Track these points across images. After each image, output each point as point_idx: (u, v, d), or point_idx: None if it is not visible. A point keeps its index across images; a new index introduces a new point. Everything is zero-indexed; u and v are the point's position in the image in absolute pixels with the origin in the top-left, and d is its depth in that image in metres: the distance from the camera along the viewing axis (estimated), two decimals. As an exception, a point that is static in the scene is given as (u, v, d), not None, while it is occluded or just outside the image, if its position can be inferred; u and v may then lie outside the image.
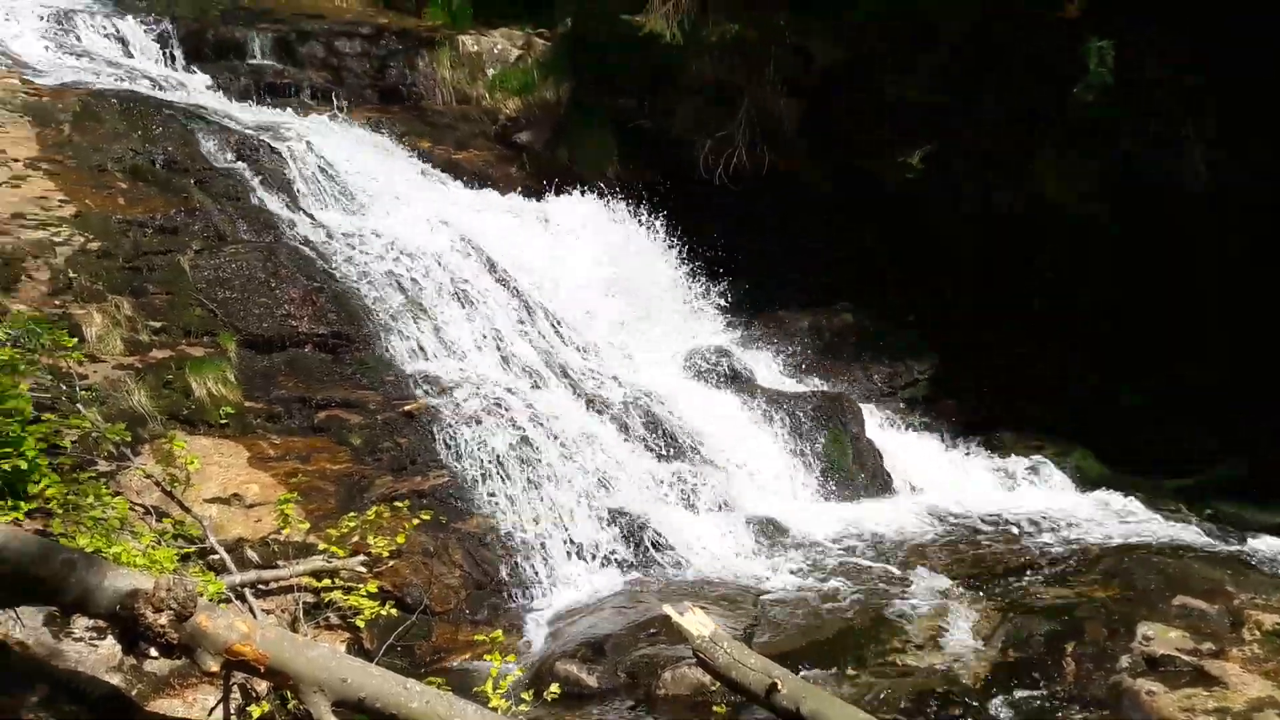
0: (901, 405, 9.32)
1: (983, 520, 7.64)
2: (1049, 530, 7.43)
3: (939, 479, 8.34)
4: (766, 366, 9.27)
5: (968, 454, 8.78)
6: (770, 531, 7.06)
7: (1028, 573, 6.61)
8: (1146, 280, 9.05)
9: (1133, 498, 7.97)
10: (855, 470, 8.09)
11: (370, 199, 8.58)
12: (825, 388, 9.01)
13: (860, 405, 8.66)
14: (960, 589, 6.33)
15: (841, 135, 10.09)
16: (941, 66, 9.16)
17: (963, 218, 9.58)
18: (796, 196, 10.19)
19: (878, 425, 8.73)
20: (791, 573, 6.56)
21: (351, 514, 5.89)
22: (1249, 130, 8.21)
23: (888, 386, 9.51)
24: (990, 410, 9.12)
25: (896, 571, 6.62)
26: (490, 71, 11.63)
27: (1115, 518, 7.74)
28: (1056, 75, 8.48)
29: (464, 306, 7.94)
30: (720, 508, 7.26)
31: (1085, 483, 8.34)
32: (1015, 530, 7.44)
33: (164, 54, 10.49)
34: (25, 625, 4.41)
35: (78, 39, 10.23)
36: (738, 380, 8.67)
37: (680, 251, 9.80)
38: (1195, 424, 8.69)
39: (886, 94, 9.60)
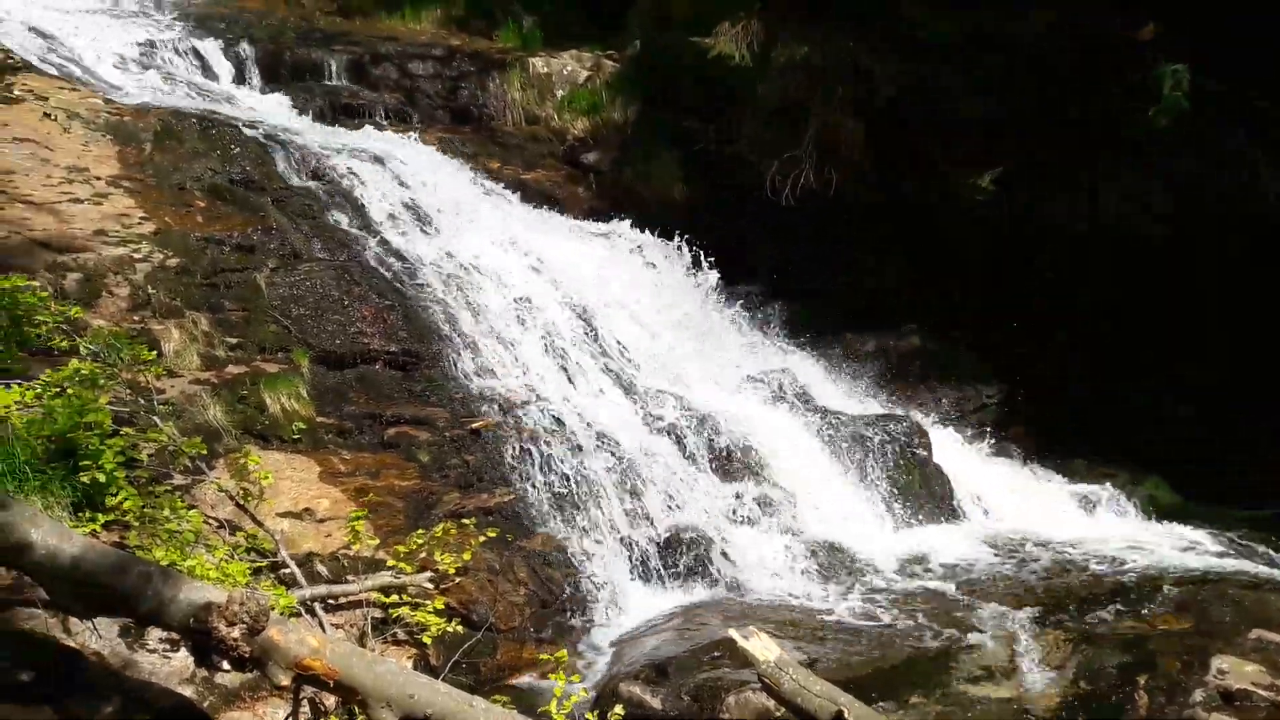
0: (970, 430, 9.22)
1: (1052, 548, 7.50)
2: (1119, 560, 7.28)
3: (1008, 505, 8.22)
4: (831, 389, 9.21)
5: (1037, 480, 8.65)
6: (835, 555, 7.00)
7: (1098, 603, 6.46)
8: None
9: (1205, 528, 7.80)
10: (922, 495, 7.99)
11: (440, 218, 8.68)
12: (892, 410, 8.94)
13: (927, 429, 8.57)
14: (1029, 618, 6.22)
15: (908, 156, 10.03)
16: (1008, 88, 9.08)
17: (1029, 239, 9.47)
18: (862, 217, 10.13)
19: (945, 450, 8.61)
20: (857, 598, 6.51)
21: (419, 530, 5.96)
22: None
23: (956, 410, 9.41)
24: (1060, 436, 8.97)
25: (964, 599, 6.53)
26: (559, 93, 11.72)
27: (1187, 548, 7.58)
28: (1126, 97, 8.38)
29: (530, 326, 8.02)
30: (784, 530, 7.21)
31: (1157, 512, 8.17)
32: (1085, 559, 7.30)
33: (242, 75, 10.72)
34: (101, 636, 4.51)
35: (159, 60, 10.49)
36: (802, 402, 8.61)
37: (745, 272, 9.78)
38: (1266, 454, 8.51)
39: (953, 115, 9.54)
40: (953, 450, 8.78)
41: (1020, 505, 8.24)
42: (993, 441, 9.14)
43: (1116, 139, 8.69)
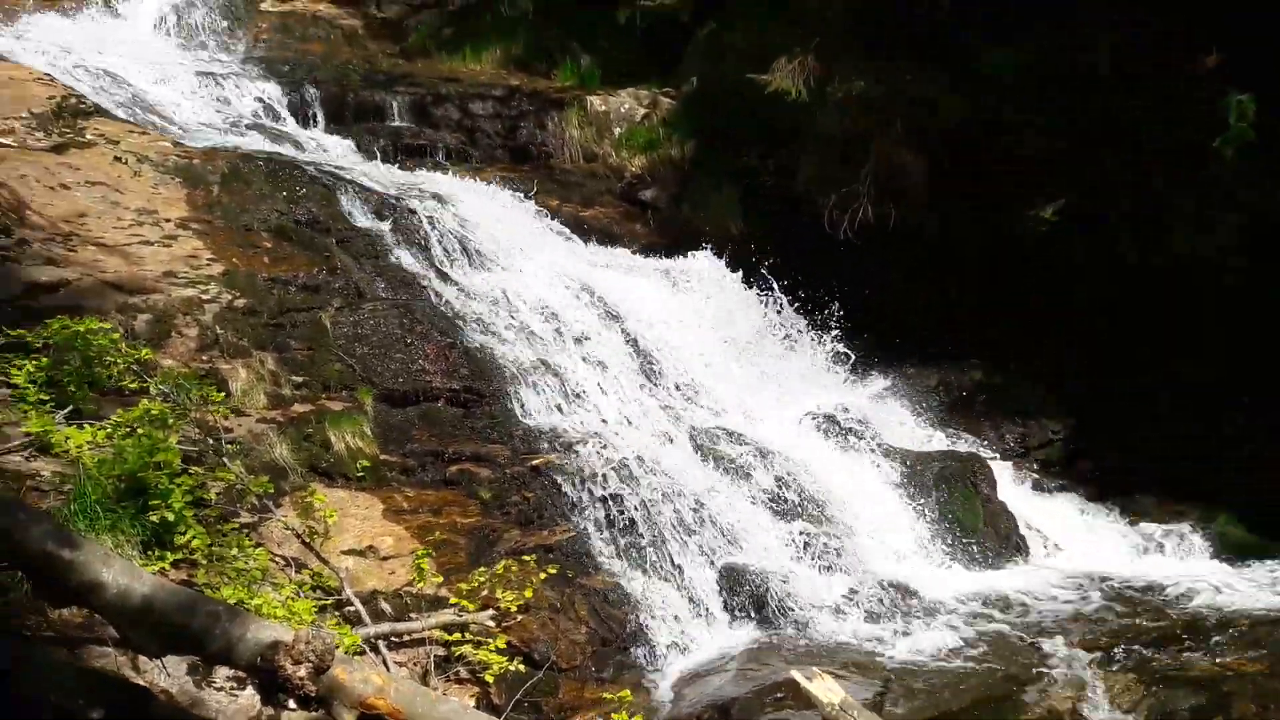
0: (1035, 466, 9.10)
1: (1122, 587, 7.39)
2: (1191, 599, 7.15)
3: (1075, 543, 8.09)
4: (893, 424, 9.12)
5: (1105, 517, 8.52)
6: (899, 594, 6.92)
7: (1169, 643, 6.33)
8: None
9: (1280, 566, 7.63)
10: (987, 532, 7.88)
11: (501, 256, 8.75)
12: (955, 447, 8.84)
13: (992, 465, 8.46)
14: (1098, 659, 6.11)
15: (969, 188, 9.96)
16: (1070, 119, 9.01)
17: (1093, 272, 9.36)
18: (923, 251, 10.07)
19: (1010, 486, 8.52)
20: (921, 638, 6.43)
21: (481, 568, 5.99)
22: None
23: (1020, 446, 9.30)
24: (1129, 472, 8.82)
25: (1031, 639, 6.43)
26: (617, 130, 11.82)
27: (1262, 587, 7.40)
28: (1191, 128, 8.28)
29: (589, 363, 8.04)
30: (847, 569, 7.15)
31: (1229, 549, 8.01)
32: (1156, 598, 7.18)
33: (307, 117, 10.92)
34: (170, 674, 4.56)
35: (226, 102, 10.72)
36: (864, 438, 8.54)
37: (804, 307, 9.75)
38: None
39: (1014, 147, 9.47)
40: (1017, 487, 8.69)
41: (1087, 543, 8.12)
42: (1059, 478, 9.01)
43: (1183, 171, 8.57)
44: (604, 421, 7.65)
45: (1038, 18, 9.01)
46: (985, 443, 9.18)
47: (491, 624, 5.71)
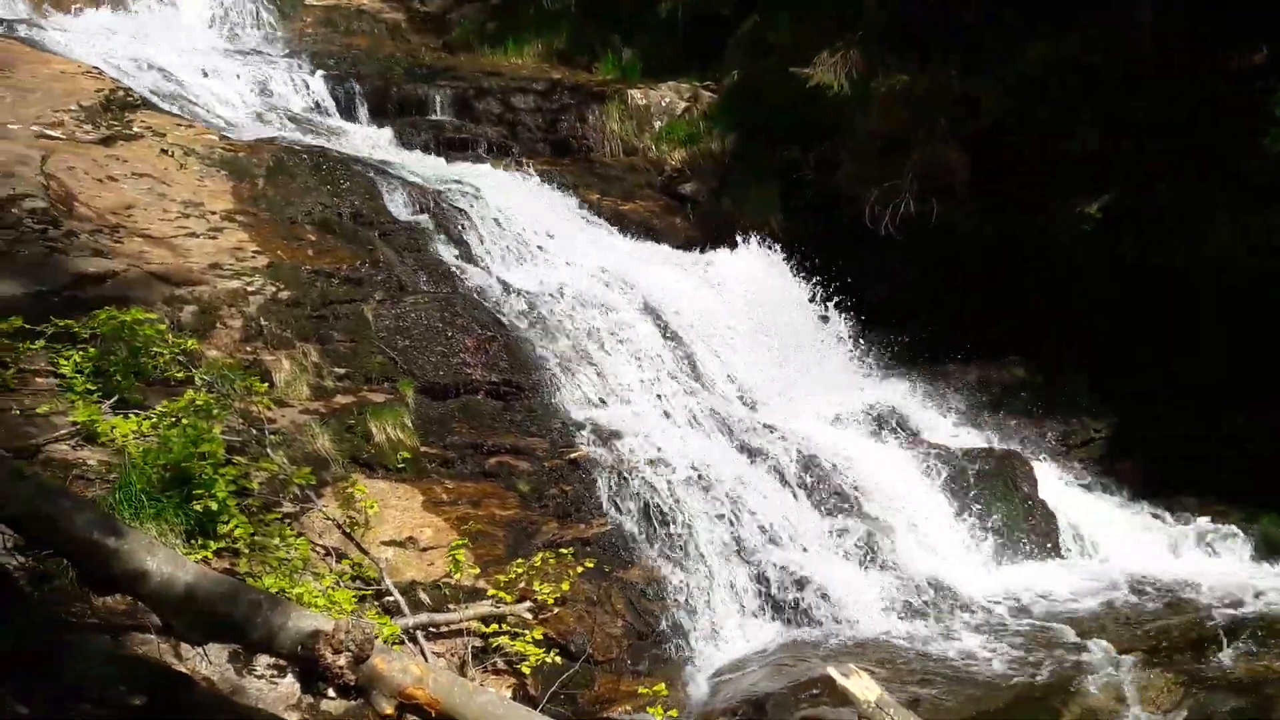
0: (1076, 464, 9.00)
1: (1161, 587, 7.29)
2: (1233, 600, 7.03)
3: (1116, 543, 8.00)
4: (932, 420, 9.07)
5: (1146, 517, 8.41)
6: (937, 592, 6.88)
7: (1210, 645, 6.24)
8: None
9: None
10: (1026, 531, 7.82)
11: (541, 249, 8.81)
12: (994, 444, 8.78)
13: (1032, 463, 8.40)
14: (1138, 659, 6.04)
15: (1011, 185, 9.88)
16: (1112, 116, 8.90)
17: (1134, 270, 9.26)
18: (964, 247, 9.99)
19: (1051, 485, 8.43)
20: (959, 636, 6.40)
21: (519, 560, 6.03)
22: None
23: (1061, 444, 9.20)
24: (1171, 472, 8.69)
25: (1070, 638, 6.37)
26: (657, 124, 11.83)
27: (1308, 588, 7.30)
28: (1235, 126, 8.16)
29: (627, 356, 8.07)
30: (884, 565, 7.12)
31: (1272, 550, 7.87)
32: (1196, 599, 7.08)
33: (351, 110, 11.02)
34: (211, 662, 4.62)
35: (272, 95, 10.84)
36: (902, 434, 8.53)
37: (843, 302, 9.72)
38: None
39: (1055, 144, 9.38)
40: (1058, 485, 8.60)
41: (1128, 542, 8.03)
42: (1100, 476, 8.92)
43: (1229, 170, 8.45)
44: (641, 415, 7.66)
45: (1078, 12, 8.91)
46: (1025, 440, 9.09)
47: (528, 616, 5.75)
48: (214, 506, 5.06)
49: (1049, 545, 7.84)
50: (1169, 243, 8.90)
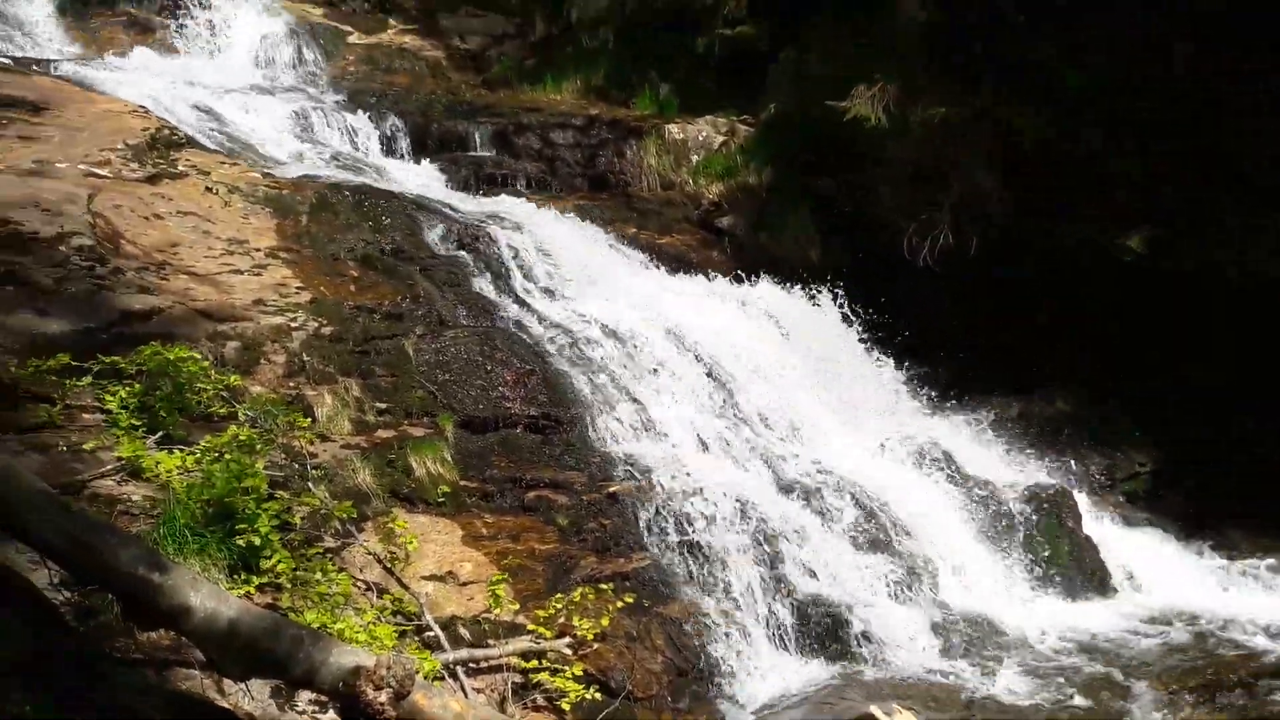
0: (1121, 499, 8.90)
1: (1211, 624, 7.19)
2: (1281, 636, 6.93)
3: (1162, 579, 7.88)
4: (974, 454, 8.97)
5: (1192, 552, 8.31)
6: (980, 629, 6.81)
7: (1262, 683, 6.15)
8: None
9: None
10: (1071, 567, 7.72)
11: (579, 284, 8.84)
12: (1038, 478, 8.67)
13: (1076, 498, 8.29)
14: (1186, 698, 5.94)
15: (1052, 214, 9.82)
16: (1152, 138, 8.82)
17: (1181, 296, 9.16)
18: (1004, 278, 9.93)
19: (1095, 520, 8.34)
20: (1004, 674, 6.30)
21: (558, 595, 6.01)
22: None
23: (1106, 478, 9.10)
24: (1218, 506, 8.59)
25: (1118, 677, 6.28)
26: (694, 158, 11.87)
27: (1362, 625, 7.15)
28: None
29: (665, 389, 8.06)
30: (926, 601, 7.05)
31: (1321, 587, 7.75)
32: (1247, 636, 6.98)
33: (392, 146, 11.15)
34: (254, 698, 4.63)
35: (315, 133, 10.98)
36: (943, 468, 8.43)
37: (882, 335, 9.68)
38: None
39: (1099, 171, 9.31)
40: (1102, 520, 8.51)
41: (1175, 579, 7.91)
42: (1145, 511, 8.80)
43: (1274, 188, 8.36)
44: (679, 448, 7.64)
45: (1114, 37, 8.86)
46: (1069, 474, 8.99)
47: (568, 651, 5.72)
48: (257, 541, 5.10)
49: (1094, 582, 7.73)
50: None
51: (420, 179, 10.57)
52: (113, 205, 7.76)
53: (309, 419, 6.42)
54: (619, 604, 6.04)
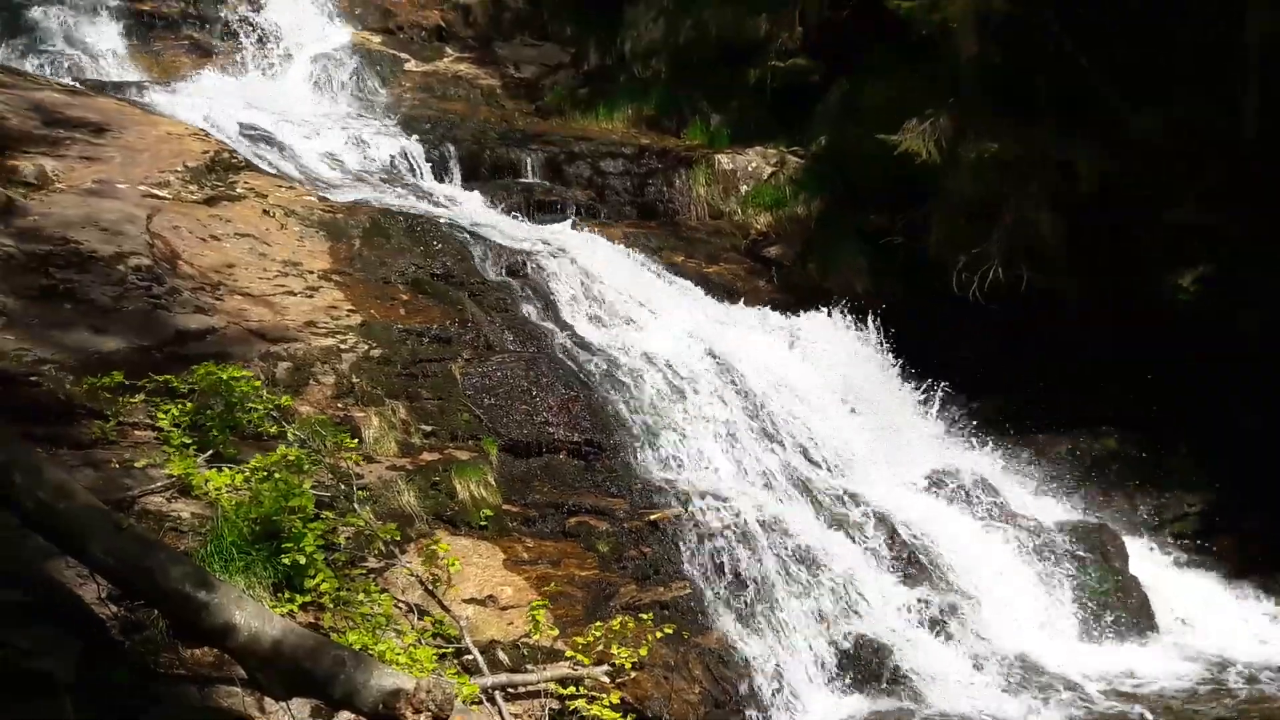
0: (1170, 539, 8.78)
1: (1261, 671, 7.06)
2: (1335, 683, 6.79)
3: (1212, 622, 7.76)
4: (1020, 491, 8.90)
5: (1242, 594, 8.18)
6: (1024, 669, 6.73)
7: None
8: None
9: None
10: (1117, 608, 7.61)
11: (626, 311, 8.88)
12: (1085, 517, 8.58)
13: (1124, 538, 8.19)
14: (1237, 748, 5.84)
15: (1107, 252, 9.74)
16: (1219, 186, 8.73)
17: (1236, 341, 9.04)
18: (1056, 315, 9.85)
19: (1143, 560, 8.23)
20: (1046, 716, 6.23)
21: (597, 622, 6.01)
22: None
23: (1155, 519, 8.97)
24: (1269, 550, 8.44)
25: (1164, 723, 6.19)
26: (744, 188, 11.93)
27: None
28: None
29: (709, 418, 8.06)
30: (968, 639, 6.99)
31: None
32: (1297, 682, 6.84)
33: (445, 173, 11.29)
34: (294, 717, 4.67)
35: (370, 158, 11.15)
36: (990, 504, 8.36)
37: (929, 369, 9.62)
38: None
39: (1157, 212, 9.22)
40: (1150, 560, 8.39)
41: (1224, 623, 7.79)
42: (1194, 552, 8.67)
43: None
44: (721, 478, 7.64)
45: (1180, 80, 8.81)
46: (1117, 513, 8.89)
47: (606, 679, 5.72)
48: (302, 561, 5.13)
49: (1141, 623, 7.63)
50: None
51: (472, 205, 10.67)
52: (171, 226, 7.92)
53: (356, 440, 6.47)
54: (659, 634, 6.03)
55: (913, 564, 7.40)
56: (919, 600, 7.12)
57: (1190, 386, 9.05)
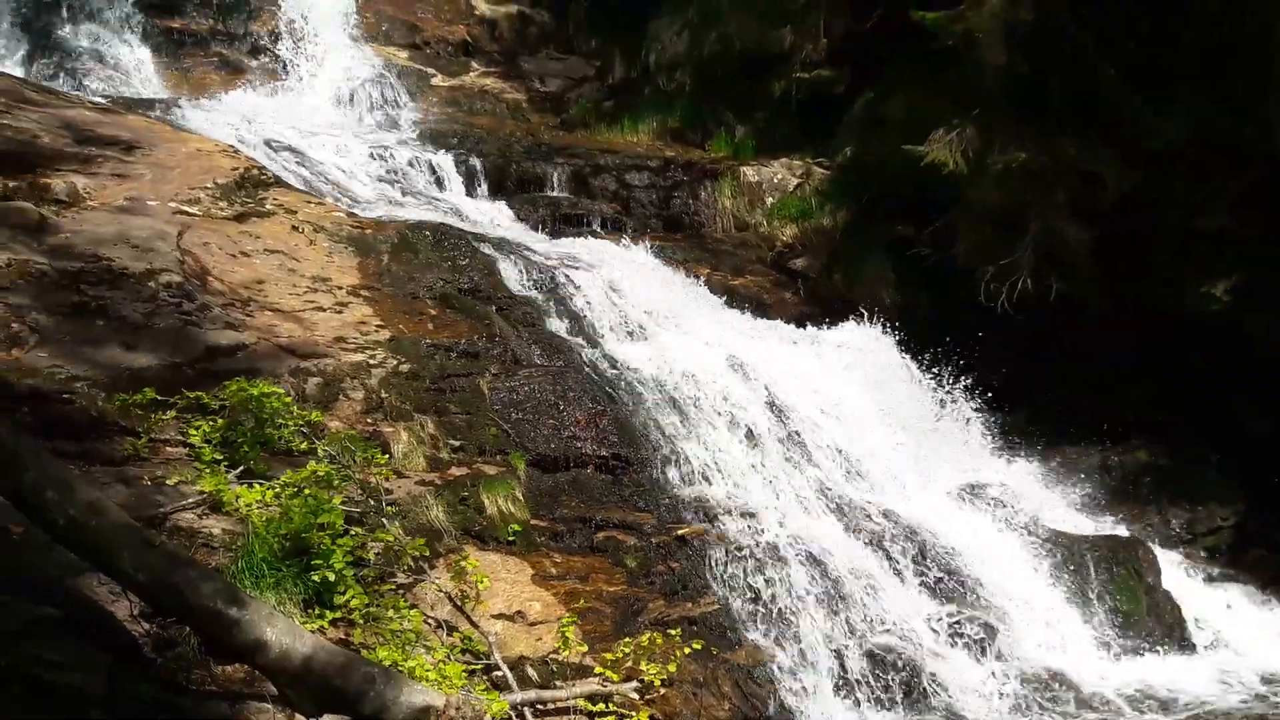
0: (1202, 553, 8.71)
1: (1295, 686, 6.98)
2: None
3: (1245, 637, 7.69)
4: (1050, 505, 8.84)
5: (1277, 609, 8.07)
6: (1054, 685, 6.68)
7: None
8: None
9: None
10: (1148, 623, 7.55)
11: (652, 325, 8.87)
12: (1116, 530, 8.51)
13: (1155, 551, 8.12)
14: (1273, 765, 5.77)
15: (1136, 262, 9.67)
16: (1249, 196, 8.66)
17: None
18: (1085, 325, 9.79)
19: (1175, 574, 8.16)
20: (1080, 733, 6.19)
21: (626, 639, 6.00)
22: None
23: (1187, 532, 8.90)
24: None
25: (1199, 740, 6.12)
26: (769, 200, 11.93)
27: None
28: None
29: (737, 433, 8.04)
30: (999, 654, 6.93)
31: None
32: (1334, 699, 6.76)
33: (471, 186, 11.34)
34: (325, 733, 4.70)
35: (397, 172, 11.21)
36: (1018, 518, 8.30)
37: (957, 381, 9.57)
38: None
39: (1186, 222, 9.16)
40: (1182, 575, 8.32)
41: (1258, 639, 7.72)
42: (1227, 566, 8.59)
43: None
44: (750, 493, 7.62)
45: (1201, 89, 8.74)
46: (1149, 526, 8.82)
47: (635, 696, 5.71)
48: (331, 577, 5.15)
49: (1174, 638, 7.56)
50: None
51: (498, 219, 10.73)
52: (201, 242, 7.97)
53: (385, 455, 6.49)
54: (687, 650, 6.02)
55: (944, 579, 7.36)
56: (950, 616, 7.07)
57: (1197, 390, 8.98)
